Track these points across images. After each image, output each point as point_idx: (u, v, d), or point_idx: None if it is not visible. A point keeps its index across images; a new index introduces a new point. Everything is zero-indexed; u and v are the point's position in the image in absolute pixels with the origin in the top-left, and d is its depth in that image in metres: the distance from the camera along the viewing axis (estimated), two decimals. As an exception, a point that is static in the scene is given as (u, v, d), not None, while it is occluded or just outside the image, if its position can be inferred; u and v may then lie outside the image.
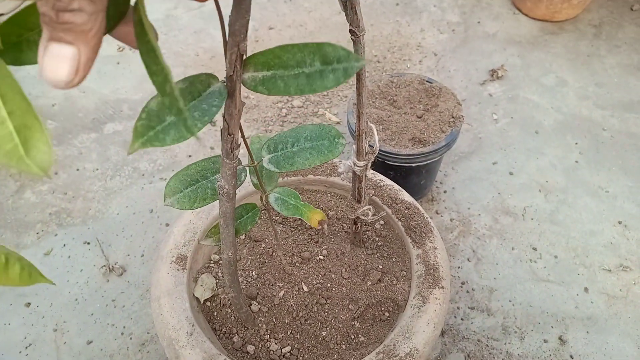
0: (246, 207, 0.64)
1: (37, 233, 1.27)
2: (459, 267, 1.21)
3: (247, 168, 0.59)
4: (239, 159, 0.54)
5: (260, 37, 1.81)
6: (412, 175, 1.20)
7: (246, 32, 0.41)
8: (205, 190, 0.57)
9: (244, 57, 0.42)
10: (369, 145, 0.77)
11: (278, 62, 0.40)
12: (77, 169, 1.41)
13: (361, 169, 0.73)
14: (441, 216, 1.31)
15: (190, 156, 1.44)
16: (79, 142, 1.49)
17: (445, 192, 1.36)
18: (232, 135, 0.49)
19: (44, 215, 1.31)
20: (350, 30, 0.59)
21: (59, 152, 1.45)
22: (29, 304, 1.15)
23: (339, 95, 1.60)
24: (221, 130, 0.50)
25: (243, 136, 0.53)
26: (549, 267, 1.21)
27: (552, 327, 1.12)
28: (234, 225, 0.59)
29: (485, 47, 1.78)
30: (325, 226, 0.62)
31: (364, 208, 0.79)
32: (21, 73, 1.67)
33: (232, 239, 0.61)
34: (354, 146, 0.73)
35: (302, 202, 0.62)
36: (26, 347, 1.08)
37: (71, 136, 1.50)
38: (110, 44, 1.80)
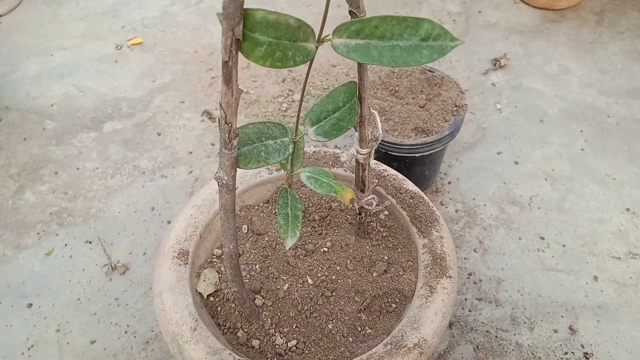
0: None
1: (38, 233, 1.26)
2: (465, 258, 1.19)
3: (291, 142, 0.56)
4: (287, 128, 0.54)
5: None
6: (416, 166, 1.19)
7: (241, 15, 0.40)
8: (260, 152, 0.55)
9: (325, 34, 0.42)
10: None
11: (374, 32, 0.41)
12: (77, 169, 1.40)
13: (364, 156, 0.72)
14: (446, 207, 1.29)
15: (190, 153, 1.42)
16: (78, 141, 1.47)
17: (449, 183, 1.34)
18: (230, 125, 0.48)
19: (45, 215, 1.29)
20: (350, 12, 0.58)
21: (59, 152, 1.44)
22: (31, 304, 1.13)
23: (339, 89, 1.58)
24: (218, 119, 0.48)
25: (302, 94, 0.52)
26: (557, 256, 1.19)
27: (562, 316, 1.10)
28: (234, 217, 0.57)
29: (486, 36, 1.76)
30: (356, 204, 0.61)
31: (368, 197, 0.77)
32: (19, 74, 1.66)
33: (233, 232, 0.59)
34: (357, 134, 0.71)
35: (334, 180, 0.62)
36: (28, 349, 1.07)
37: (70, 136, 1.49)
38: (107, 42, 1.78)
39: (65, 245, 1.24)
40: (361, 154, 0.71)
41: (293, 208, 0.59)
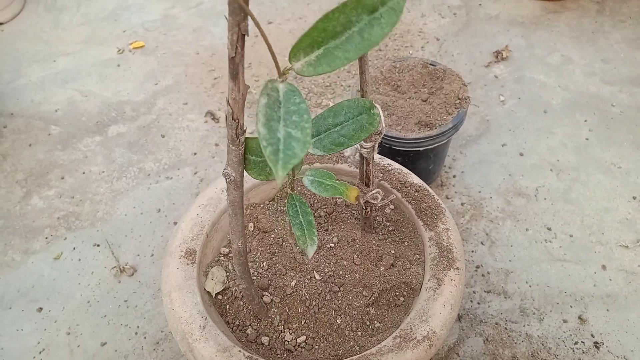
0: None
1: (46, 238, 1.27)
2: (472, 251, 1.19)
3: None
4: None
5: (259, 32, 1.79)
6: (421, 160, 1.18)
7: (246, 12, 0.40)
8: (265, 167, 0.54)
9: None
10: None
11: (325, 35, 0.38)
12: (83, 173, 1.41)
13: (368, 150, 0.72)
14: (452, 201, 1.29)
15: (195, 154, 1.43)
16: (83, 145, 1.48)
17: (454, 176, 1.34)
18: (237, 121, 0.48)
19: (52, 219, 1.30)
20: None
21: (65, 156, 1.45)
22: (41, 308, 1.14)
23: (342, 85, 1.58)
24: (225, 115, 0.48)
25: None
26: (564, 246, 1.19)
27: (571, 306, 1.10)
28: (243, 214, 0.58)
29: (488, 29, 1.75)
30: (361, 200, 0.60)
31: (373, 192, 0.77)
32: (22, 81, 1.67)
33: (241, 228, 0.59)
34: (360, 127, 0.71)
35: (337, 182, 0.61)
36: (40, 352, 1.08)
37: (76, 140, 1.49)
38: (109, 46, 1.79)
39: (74, 249, 1.24)
40: (365, 148, 0.72)
41: (304, 214, 0.58)
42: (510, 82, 1.57)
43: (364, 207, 0.82)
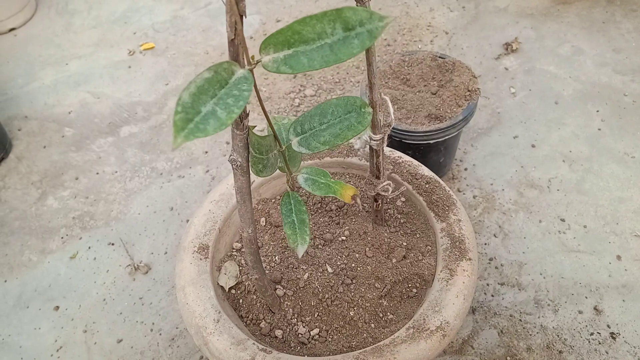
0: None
1: (62, 238, 1.28)
2: (485, 244, 1.19)
3: (280, 155, 0.57)
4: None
5: (268, 31, 1.80)
6: (431, 153, 1.18)
7: None
8: (258, 163, 0.56)
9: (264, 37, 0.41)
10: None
11: (298, 37, 0.38)
12: (97, 173, 1.42)
13: (378, 142, 0.72)
14: (463, 194, 1.28)
15: (206, 152, 1.44)
16: (96, 146, 1.50)
17: (466, 169, 1.33)
18: None
19: (68, 219, 1.32)
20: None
21: (78, 157, 1.47)
22: (58, 307, 1.16)
23: (351, 82, 1.58)
24: None
25: (268, 120, 0.52)
26: (578, 237, 1.18)
27: (586, 297, 1.09)
28: (251, 201, 0.58)
29: (497, 21, 1.74)
30: (358, 200, 0.60)
31: (384, 184, 0.78)
32: (36, 84, 1.69)
33: (250, 215, 0.60)
34: (369, 119, 0.71)
35: (332, 180, 0.60)
36: (57, 350, 1.09)
37: (89, 141, 1.51)
38: (120, 48, 1.81)
39: (89, 248, 1.26)
40: (374, 140, 0.72)
41: (298, 213, 0.58)
42: (521, 74, 1.56)
43: (374, 200, 0.83)
